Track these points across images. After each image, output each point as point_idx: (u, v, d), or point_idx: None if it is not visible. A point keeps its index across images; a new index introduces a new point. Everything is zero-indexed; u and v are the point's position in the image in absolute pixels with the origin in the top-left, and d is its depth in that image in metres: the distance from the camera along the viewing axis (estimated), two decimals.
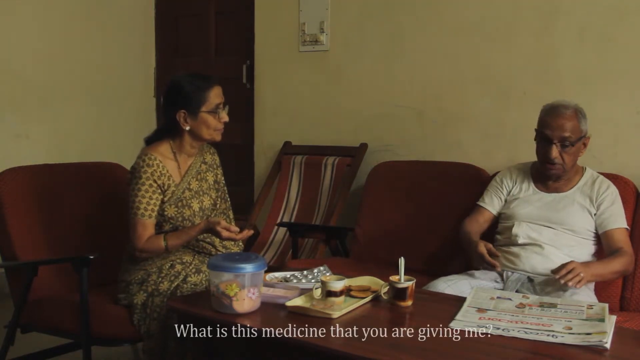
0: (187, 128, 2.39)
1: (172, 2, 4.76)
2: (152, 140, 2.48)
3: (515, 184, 2.63)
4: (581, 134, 2.46)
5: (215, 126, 2.41)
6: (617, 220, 2.45)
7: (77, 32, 4.38)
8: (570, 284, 2.19)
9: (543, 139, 2.47)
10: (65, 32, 4.33)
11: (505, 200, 2.65)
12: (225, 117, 2.42)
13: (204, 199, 2.50)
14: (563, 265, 2.23)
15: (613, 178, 2.59)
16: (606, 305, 1.93)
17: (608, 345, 1.65)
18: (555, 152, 2.43)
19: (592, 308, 1.92)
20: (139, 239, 2.34)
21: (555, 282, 2.36)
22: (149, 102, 4.82)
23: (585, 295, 2.31)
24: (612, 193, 2.50)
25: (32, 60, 4.19)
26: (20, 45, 4.12)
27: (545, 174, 2.54)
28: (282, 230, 3.69)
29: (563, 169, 2.48)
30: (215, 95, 2.39)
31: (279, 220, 3.74)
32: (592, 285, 2.47)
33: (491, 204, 2.67)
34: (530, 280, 2.42)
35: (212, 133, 2.42)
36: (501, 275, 2.49)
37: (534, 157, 2.59)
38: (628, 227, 2.48)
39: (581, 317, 1.84)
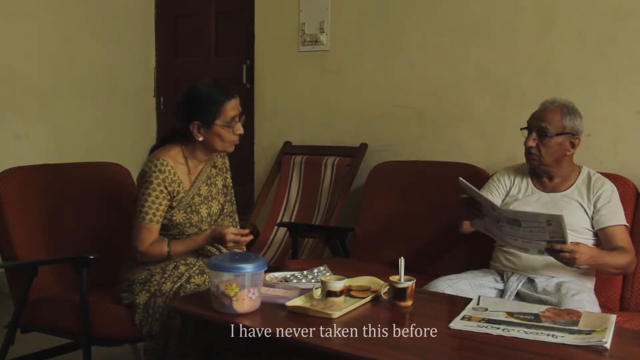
0: (200, 139, 2.38)
1: (172, 2, 4.76)
2: (164, 141, 2.47)
3: (514, 183, 2.61)
4: (562, 129, 2.43)
5: (229, 139, 2.40)
6: (616, 217, 2.42)
7: (77, 32, 4.38)
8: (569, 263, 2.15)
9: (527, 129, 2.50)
10: (66, 32, 4.33)
11: (504, 199, 2.60)
12: (240, 129, 2.41)
13: (212, 204, 2.49)
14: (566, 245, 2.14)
15: (613, 178, 2.58)
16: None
17: (608, 345, 1.65)
18: (531, 141, 2.44)
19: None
20: (141, 243, 2.34)
21: (555, 284, 2.36)
22: (149, 102, 4.82)
23: (587, 295, 2.30)
24: (607, 190, 2.47)
25: (32, 60, 4.19)
26: (20, 46, 4.12)
27: (530, 166, 2.53)
28: (282, 230, 3.69)
29: (539, 161, 2.45)
30: (231, 109, 2.37)
31: (279, 220, 3.74)
32: (592, 286, 2.47)
33: (489, 197, 2.55)
34: (530, 280, 2.42)
35: (226, 145, 2.42)
36: (501, 274, 2.49)
37: None
38: (627, 224, 2.46)
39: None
